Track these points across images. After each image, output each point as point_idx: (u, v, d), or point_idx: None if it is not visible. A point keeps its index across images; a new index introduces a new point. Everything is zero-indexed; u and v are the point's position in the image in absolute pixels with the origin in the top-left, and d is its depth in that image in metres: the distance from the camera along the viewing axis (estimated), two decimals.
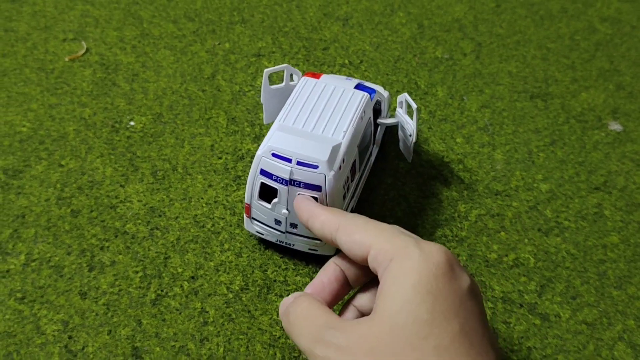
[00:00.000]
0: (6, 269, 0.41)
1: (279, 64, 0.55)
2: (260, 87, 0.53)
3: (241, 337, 0.39)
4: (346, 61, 0.56)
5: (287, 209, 0.38)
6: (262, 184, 0.38)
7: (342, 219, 0.33)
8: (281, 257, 0.42)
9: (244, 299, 0.40)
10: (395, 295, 0.29)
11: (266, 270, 0.42)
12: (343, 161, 0.38)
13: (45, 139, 0.48)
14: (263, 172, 0.38)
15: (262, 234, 0.41)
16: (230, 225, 0.44)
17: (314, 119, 0.39)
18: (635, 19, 0.64)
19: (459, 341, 0.28)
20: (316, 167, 0.37)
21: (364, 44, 0.58)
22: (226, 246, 0.43)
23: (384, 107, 0.46)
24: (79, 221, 0.43)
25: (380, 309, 0.29)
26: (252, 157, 0.48)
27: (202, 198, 0.45)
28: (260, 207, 0.40)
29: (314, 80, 0.42)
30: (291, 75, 0.45)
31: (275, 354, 0.38)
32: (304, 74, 0.44)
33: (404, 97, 0.43)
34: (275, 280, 0.41)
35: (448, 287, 0.29)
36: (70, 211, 0.44)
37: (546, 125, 0.53)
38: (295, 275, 0.42)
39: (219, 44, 0.57)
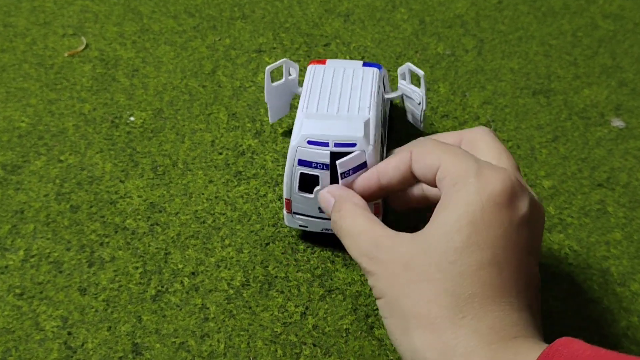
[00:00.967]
0: (5, 264, 0.40)
1: (279, 60, 0.55)
2: (262, 83, 0.53)
3: (242, 333, 0.38)
4: (347, 57, 0.56)
5: None
6: (302, 175, 0.38)
7: (412, 148, 0.34)
8: (282, 254, 0.42)
9: (244, 295, 0.40)
10: (440, 222, 0.30)
11: (267, 266, 0.41)
12: (376, 135, 0.38)
13: (44, 134, 0.48)
14: (301, 162, 0.38)
15: (306, 227, 0.41)
16: (231, 221, 0.43)
17: (335, 101, 0.39)
18: (638, 16, 0.63)
19: (486, 270, 0.29)
20: (354, 144, 0.37)
21: (366, 40, 0.58)
22: (227, 242, 0.42)
23: (386, 82, 0.46)
24: (78, 217, 0.43)
25: (424, 231, 0.31)
26: (253, 152, 0.48)
27: (203, 194, 0.45)
28: (302, 199, 0.39)
29: (321, 66, 0.42)
30: (289, 69, 0.45)
31: (277, 350, 0.38)
32: (310, 62, 0.44)
33: (407, 67, 0.43)
34: (276, 277, 0.41)
35: (495, 217, 0.30)
36: (70, 207, 0.43)
37: (549, 122, 0.52)
38: (297, 272, 0.41)
39: (219, 39, 0.57)
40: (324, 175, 0.37)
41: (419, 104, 0.43)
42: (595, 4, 0.65)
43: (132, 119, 0.49)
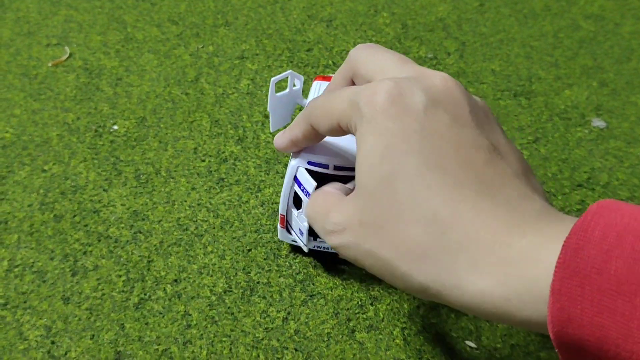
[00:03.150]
0: None
1: (262, 66, 0.56)
2: (244, 89, 0.53)
3: (224, 339, 0.39)
4: (330, 62, 0.57)
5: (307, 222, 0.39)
6: (295, 192, 0.39)
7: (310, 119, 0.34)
8: (264, 259, 0.42)
9: (227, 301, 0.40)
10: (360, 164, 0.29)
11: (249, 272, 0.42)
12: None
13: (28, 144, 0.48)
14: (296, 181, 0.38)
15: (296, 242, 0.41)
16: (214, 228, 0.44)
17: None
18: (618, 16, 0.64)
19: (428, 170, 0.27)
20: (354, 169, 0.37)
21: (348, 45, 0.58)
22: (209, 249, 0.43)
23: None
24: (62, 226, 0.43)
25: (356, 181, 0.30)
26: (236, 159, 0.48)
27: (185, 201, 0.45)
28: (294, 217, 0.40)
29: (326, 83, 0.43)
30: (294, 80, 0.45)
31: (259, 355, 0.38)
32: (315, 77, 0.44)
33: None
34: (258, 282, 0.41)
35: (397, 125, 0.27)
36: (54, 216, 0.44)
37: (529, 123, 0.53)
38: (279, 277, 0.42)
39: (202, 47, 0.57)
40: (305, 203, 0.38)
41: None
42: (576, 5, 0.65)
43: (115, 127, 0.50)
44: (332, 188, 0.34)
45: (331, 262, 0.42)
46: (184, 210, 0.45)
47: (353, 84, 0.35)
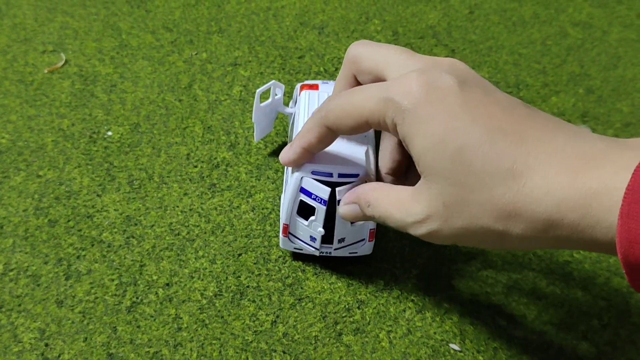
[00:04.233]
0: None
1: (255, 73, 0.57)
2: (237, 96, 0.54)
3: (214, 342, 0.40)
4: (321, 69, 0.58)
5: (322, 228, 0.40)
6: (302, 202, 0.40)
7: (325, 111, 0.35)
8: (254, 264, 0.43)
9: (217, 304, 0.41)
10: (423, 152, 0.30)
11: (240, 277, 0.43)
12: (374, 161, 0.39)
13: (24, 150, 0.49)
14: (303, 190, 0.39)
15: (301, 250, 0.42)
16: (205, 233, 0.45)
17: None
18: (606, 24, 0.65)
19: (489, 135, 0.29)
20: (357, 175, 0.38)
21: (340, 52, 0.59)
22: (200, 253, 0.44)
23: None
24: (56, 231, 0.44)
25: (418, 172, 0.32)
26: (228, 165, 0.49)
27: (178, 206, 0.46)
28: (300, 225, 0.41)
29: (315, 92, 0.43)
30: (276, 89, 0.46)
31: (248, 358, 0.39)
32: (301, 87, 0.45)
33: None
34: (248, 286, 0.42)
35: (443, 107, 0.30)
36: (48, 221, 0.45)
37: None
38: (268, 281, 0.43)
39: (196, 53, 0.58)
40: (320, 210, 0.39)
41: None
42: (564, 12, 0.66)
43: (109, 133, 0.51)
44: (381, 184, 0.36)
45: (341, 264, 0.44)
46: (176, 215, 0.46)
47: (357, 82, 0.37)
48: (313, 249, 0.42)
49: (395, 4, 0.65)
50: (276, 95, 0.46)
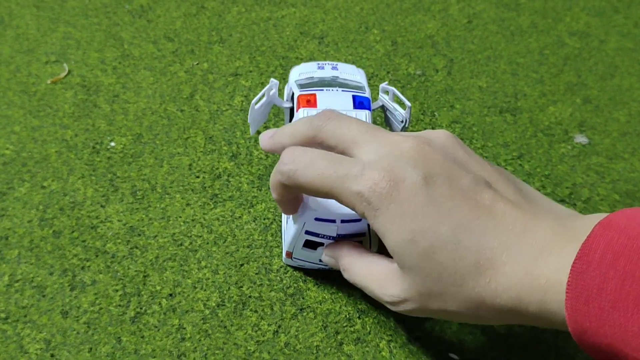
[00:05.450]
0: None
1: (256, 83, 0.57)
2: (238, 106, 0.55)
3: (217, 352, 0.40)
4: None
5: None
6: (307, 240, 0.41)
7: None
8: (256, 274, 0.44)
9: (220, 315, 0.42)
10: (394, 249, 0.33)
11: (242, 287, 0.43)
12: None
13: (27, 161, 0.50)
14: (308, 232, 0.40)
15: (304, 266, 0.44)
16: (207, 243, 0.45)
17: None
18: (603, 33, 0.66)
19: (455, 232, 0.31)
20: (360, 220, 0.39)
21: (339, 62, 0.60)
22: (203, 263, 0.44)
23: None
24: (60, 242, 0.45)
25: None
26: (229, 175, 0.50)
27: (180, 217, 0.47)
28: (304, 253, 0.42)
29: (313, 110, 0.43)
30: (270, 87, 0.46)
31: None
32: (298, 102, 0.44)
33: (392, 91, 0.45)
34: (250, 296, 0.43)
35: (409, 206, 0.32)
36: (52, 232, 0.45)
37: (514, 139, 0.54)
38: (270, 291, 0.43)
39: (197, 63, 0.59)
40: (328, 242, 0.40)
41: (402, 121, 0.45)
42: (562, 22, 0.67)
43: (112, 144, 0.51)
44: (354, 250, 0.38)
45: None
46: (178, 225, 0.46)
47: (312, 142, 0.37)
48: (320, 267, 0.42)
49: (394, 13, 0.66)
50: (271, 91, 0.46)
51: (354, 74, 0.47)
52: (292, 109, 0.46)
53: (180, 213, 0.47)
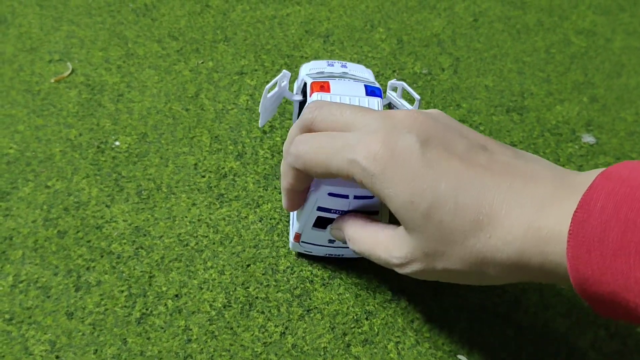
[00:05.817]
0: None
1: (261, 82, 0.57)
2: (244, 105, 0.54)
3: (224, 353, 0.40)
4: None
5: None
6: (319, 217, 0.40)
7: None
8: (263, 274, 0.44)
9: (226, 316, 0.41)
10: (397, 212, 0.33)
11: (248, 288, 0.43)
12: None
13: (32, 160, 0.49)
14: (320, 209, 0.39)
15: (311, 252, 0.43)
16: (214, 243, 0.45)
17: None
18: (609, 32, 0.65)
19: (454, 192, 0.31)
20: (372, 197, 0.38)
21: (344, 60, 0.60)
22: (209, 264, 0.44)
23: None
24: (65, 242, 0.44)
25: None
26: (235, 175, 0.49)
27: (186, 217, 0.46)
28: (314, 233, 0.41)
29: (327, 95, 0.42)
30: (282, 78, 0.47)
31: None
32: (311, 87, 0.43)
33: (401, 85, 0.46)
34: (257, 297, 0.42)
35: (407, 170, 0.32)
36: (57, 232, 0.45)
37: (521, 139, 0.54)
38: (277, 292, 0.43)
39: (202, 62, 0.58)
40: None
41: None
42: (568, 20, 0.66)
43: (117, 143, 0.51)
44: (357, 219, 0.38)
45: (351, 272, 0.44)
46: (184, 225, 0.46)
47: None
48: (329, 248, 0.42)
49: (400, 11, 0.65)
50: (282, 83, 0.47)
51: (362, 71, 0.47)
52: (302, 103, 0.46)
53: (186, 213, 0.47)
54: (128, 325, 0.41)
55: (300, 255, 0.45)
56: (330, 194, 0.38)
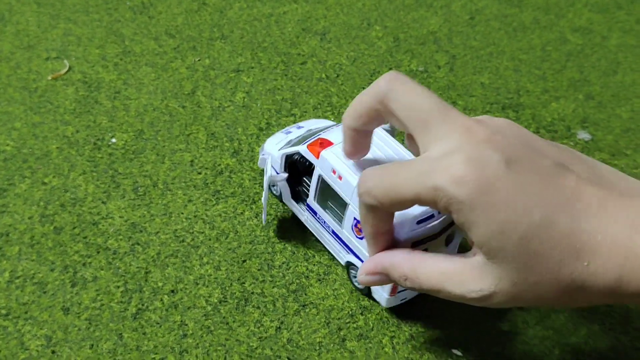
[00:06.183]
0: None
1: (257, 79, 0.57)
2: (240, 102, 0.55)
3: (219, 348, 0.40)
4: (323, 75, 0.58)
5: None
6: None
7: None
8: (259, 270, 0.44)
9: (222, 311, 0.42)
10: (485, 242, 0.31)
11: (244, 283, 0.43)
12: None
13: (28, 157, 0.49)
14: (416, 243, 0.38)
15: (406, 298, 0.42)
16: (209, 239, 0.45)
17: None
18: (605, 29, 0.66)
19: (547, 216, 0.30)
20: (433, 215, 0.37)
21: (341, 58, 0.60)
22: (205, 260, 0.44)
23: None
24: (61, 238, 0.45)
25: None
26: (231, 172, 0.49)
27: (182, 213, 0.47)
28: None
29: (336, 148, 0.40)
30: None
31: None
32: (310, 151, 0.41)
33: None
34: (252, 293, 0.43)
35: (497, 195, 0.30)
36: (54, 228, 0.45)
37: None
38: (272, 287, 0.43)
39: (199, 60, 0.58)
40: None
41: None
42: (564, 18, 0.67)
43: (113, 140, 0.51)
44: (413, 253, 0.35)
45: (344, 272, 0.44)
46: (180, 222, 0.46)
47: (379, 116, 0.35)
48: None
49: (397, 9, 0.66)
50: (267, 164, 0.45)
51: (320, 122, 0.48)
52: (289, 178, 0.44)
53: (182, 209, 0.47)
54: (124, 320, 0.41)
55: (294, 251, 0.45)
56: (419, 222, 0.37)
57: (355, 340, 0.41)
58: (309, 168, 0.42)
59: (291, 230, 0.46)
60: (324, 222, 0.42)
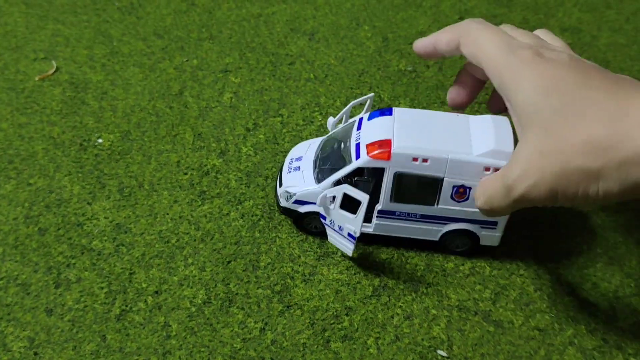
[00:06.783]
0: None
1: (245, 80, 0.57)
2: (227, 103, 0.55)
3: (203, 350, 0.40)
4: (311, 75, 0.58)
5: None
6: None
7: (461, 35, 0.42)
8: (243, 271, 0.44)
9: (206, 312, 0.41)
10: (524, 107, 0.35)
11: (229, 284, 0.43)
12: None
13: (14, 158, 0.49)
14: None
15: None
16: (195, 240, 0.45)
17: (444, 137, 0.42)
18: (595, 29, 0.65)
19: (589, 91, 0.33)
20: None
21: (329, 58, 0.60)
22: (190, 261, 0.44)
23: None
24: (46, 239, 0.44)
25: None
26: (217, 172, 0.49)
27: (168, 214, 0.46)
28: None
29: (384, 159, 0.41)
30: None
31: None
32: (371, 157, 0.41)
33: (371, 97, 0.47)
34: (237, 294, 0.42)
35: (550, 70, 0.35)
36: (38, 229, 0.45)
37: None
38: (257, 288, 0.43)
39: (187, 60, 0.58)
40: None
41: None
42: (554, 17, 0.66)
43: (100, 141, 0.51)
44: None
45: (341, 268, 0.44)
46: (166, 223, 0.46)
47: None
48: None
49: (386, 9, 0.65)
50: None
51: (305, 144, 0.48)
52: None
53: (168, 210, 0.47)
54: (107, 321, 0.41)
55: (280, 252, 0.45)
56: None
57: (340, 341, 0.41)
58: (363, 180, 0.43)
59: (277, 231, 0.46)
60: (408, 214, 0.43)
